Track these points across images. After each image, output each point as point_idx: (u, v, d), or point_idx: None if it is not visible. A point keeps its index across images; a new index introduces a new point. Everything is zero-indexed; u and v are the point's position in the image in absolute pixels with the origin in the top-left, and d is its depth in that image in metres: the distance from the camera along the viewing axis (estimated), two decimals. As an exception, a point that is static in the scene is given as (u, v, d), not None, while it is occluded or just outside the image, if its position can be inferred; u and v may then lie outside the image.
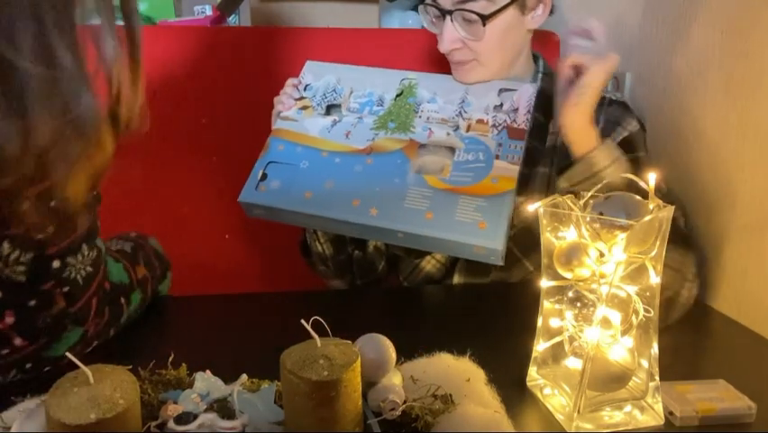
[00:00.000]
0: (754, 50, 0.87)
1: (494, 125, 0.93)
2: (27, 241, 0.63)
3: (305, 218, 0.92)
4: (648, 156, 0.98)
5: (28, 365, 0.68)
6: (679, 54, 1.03)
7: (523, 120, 0.93)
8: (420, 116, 0.96)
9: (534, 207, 0.67)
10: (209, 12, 1.57)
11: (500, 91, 0.96)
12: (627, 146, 0.98)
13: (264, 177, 0.95)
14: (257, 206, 0.93)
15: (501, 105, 0.94)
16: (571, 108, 0.85)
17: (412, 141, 0.94)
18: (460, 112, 0.95)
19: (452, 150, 0.92)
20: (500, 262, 0.85)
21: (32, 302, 0.66)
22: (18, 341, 0.66)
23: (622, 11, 1.19)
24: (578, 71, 0.85)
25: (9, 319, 0.65)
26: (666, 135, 1.07)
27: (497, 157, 0.89)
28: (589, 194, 0.66)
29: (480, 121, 0.93)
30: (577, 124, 0.85)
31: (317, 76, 1.04)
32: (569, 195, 0.67)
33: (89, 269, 0.69)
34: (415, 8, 1.58)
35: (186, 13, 1.93)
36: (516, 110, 0.93)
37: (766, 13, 0.85)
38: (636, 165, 0.91)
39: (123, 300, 0.79)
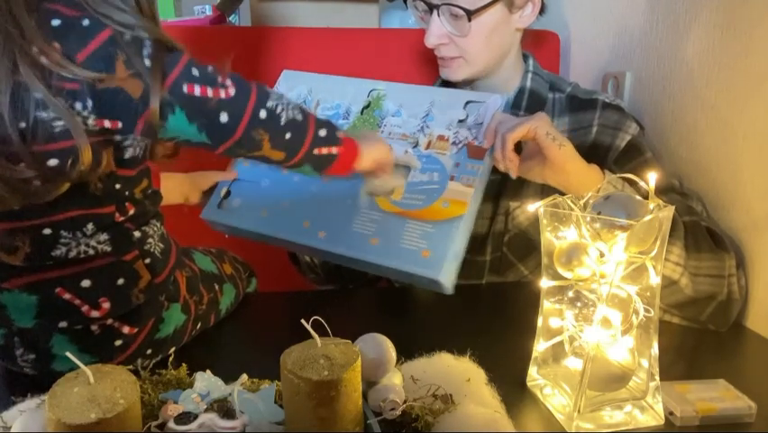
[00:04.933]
0: (754, 50, 0.87)
1: (454, 143, 0.89)
2: (109, 220, 0.68)
3: (261, 237, 0.92)
4: (654, 155, 0.99)
5: (149, 351, 0.73)
6: (679, 54, 1.03)
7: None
8: (382, 131, 0.93)
9: (534, 206, 0.66)
10: (209, 12, 1.57)
11: (466, 104, 0.91)
12: (633, 150, 0.98)
13: (228, 194, 0.96)
14: (217, 223, 0.95)
15: (466, 118, 0.90)
16: (561, 152, 0.80)
17: None
18: (422, 127, 0.92)
19: (407, 169, 0.89)
20: (447, 292, 0.82)
21: (121, 280, 0.69)
22: (126, 329, 0.70)
23: (622, 11, 1.19)
24: (528, 137, 0.81)
25: (105, 305, 0.68)
26: (666, 135, 1.07)
27: (452, 178, 0.85)
28: (589, 194, 0.67)
29: (440, 138, 0.90)
30: (576, 162, 0.82)
31: (291, 86, 1.03)
32: (569, 195, 0.68)
33: (161, 245, 0.74)
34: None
35: (186, 12, 1.94)
36: (480, 124, 0.88)
37: (766, 13, 0.85)
38: (648, 167, 0.91)
39: (217, 287, 0.85)
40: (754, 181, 0.88)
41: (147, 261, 0.71)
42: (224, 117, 0.67)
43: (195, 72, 0.66)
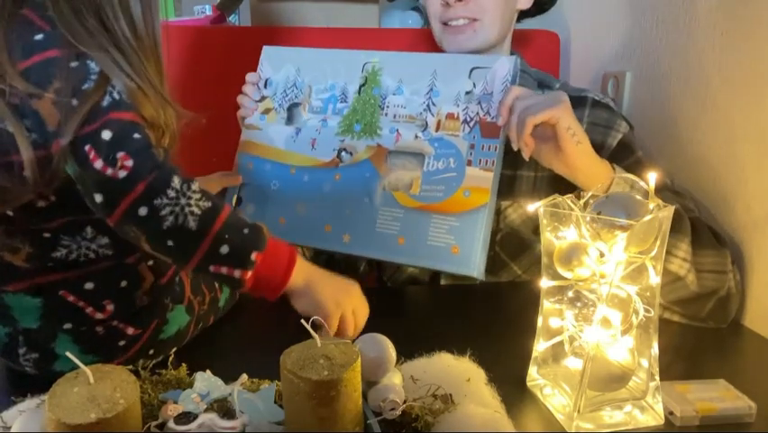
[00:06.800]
0: (755, 50, 0.87)
1: (465, 121, 0.84)
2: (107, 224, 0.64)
3: None
4: (644, 153, 0.98)
5: (151, 351, 0.73)
6: (679, 54, 1.03)
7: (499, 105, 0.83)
8: (386, 114, 0.89)
9: (534, 206, 0.66)
10: (209, 12, 1.57)
11: (472, 71, 0.86)
12: (625, 148, 0.97)
13: (240, 201, 0.95)
14: None
15: (473, 88, 0.85)
16: (576, 149, 0.80)
17: (380, 147, 0.89)
18: (428, 105, 0.87)
19: (421, 157, 0.86)
20: (480, 279, 0.83)
21: (124, 282, 0.69)
22: (130, 330, 0.70)
23: (622, 11, 1.19)
24: (546, 124, 0.80)
25: (110, 307, 0.68)
26: (666, 135, 1.07)
27: (469, 163, 0.83)
28: (590, 194, 0.67)
29: (450, 116, 0.86)
30: (588, 159, 0.82)
31: (276, 66, 0.98)
32: (569, 195, 0.68)
33: None
34: (415, 8, 1.58)
35: (186, 12, 1.93)
36: (490, 94, 0.84)
37: (766, 13, 0.85)
38: (641, 166, 0.91)
39: (216, 285, 0.84)
40: (754, 180, 0.88)
41: (150, 262, 0.71)
42: (98, 197, 0.60)
43: (104, 136, 0.59)
